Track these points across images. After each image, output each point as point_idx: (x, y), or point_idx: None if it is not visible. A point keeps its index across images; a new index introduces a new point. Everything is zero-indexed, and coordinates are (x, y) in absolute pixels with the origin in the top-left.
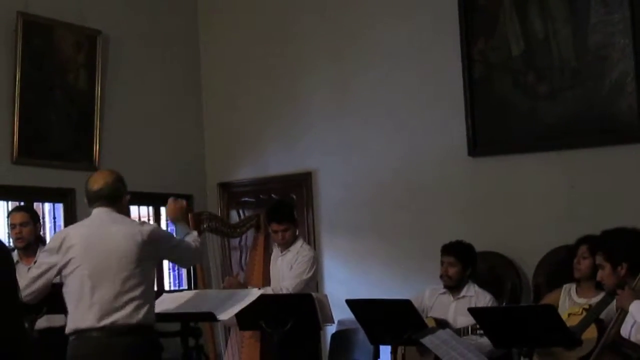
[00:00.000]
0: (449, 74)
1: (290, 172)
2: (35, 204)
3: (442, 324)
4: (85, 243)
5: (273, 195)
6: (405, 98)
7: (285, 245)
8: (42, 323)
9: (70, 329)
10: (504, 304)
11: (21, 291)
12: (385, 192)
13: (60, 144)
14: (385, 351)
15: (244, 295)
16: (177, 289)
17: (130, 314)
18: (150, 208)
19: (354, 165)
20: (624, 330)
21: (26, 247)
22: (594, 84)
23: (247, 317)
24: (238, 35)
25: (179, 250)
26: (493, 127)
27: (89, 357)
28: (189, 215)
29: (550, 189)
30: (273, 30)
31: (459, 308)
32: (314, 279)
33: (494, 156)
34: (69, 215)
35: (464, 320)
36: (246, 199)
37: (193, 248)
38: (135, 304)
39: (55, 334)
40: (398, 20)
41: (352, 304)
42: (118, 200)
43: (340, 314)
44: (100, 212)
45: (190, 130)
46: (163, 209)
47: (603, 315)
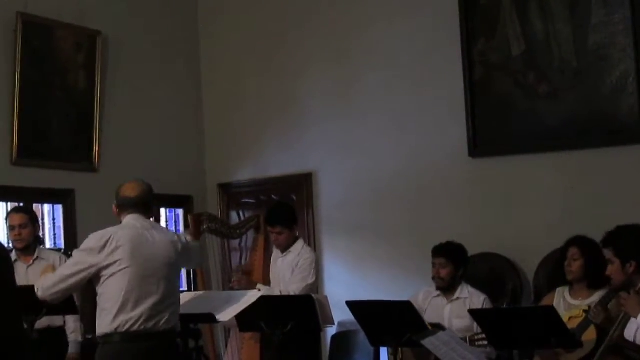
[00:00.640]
0: (449, 74)
1: (290, 173)
2: (34, 205)
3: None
4: (132, 246)
5: (273, 196)
6: (406, 99)
7: (285, 247)
8: (43, 322)
9: (104, 331)
10: (505, 306)
11: (48, 289)
12: (385, 193)
13: (60, 145)
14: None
15: (244, 296)
16: None
17: (169, 319)
18: None
19: (354, 166)
20: (629, 334)
21: (25, 248)
22: (594, 84)
23: (247, 319)
24: (238, 37)
25: (195, 254)
26: (493, 128)
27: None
28: (189, 216)
29: (551, 189)
30: (273, 32)
31: (453, 310)
32: (316, 284)
33: (494, 157)
34: (69, 216)
35: (459, 322)
36: (246, 200)
37: (199, 247)
38: (173, 309)
39: (55, 333)
40: (398, 21)
41: (353, 305)
42: (150, 209)
43: (341, 315)
44: (136, 219)
45: (190, 131)
46: (163, 210)
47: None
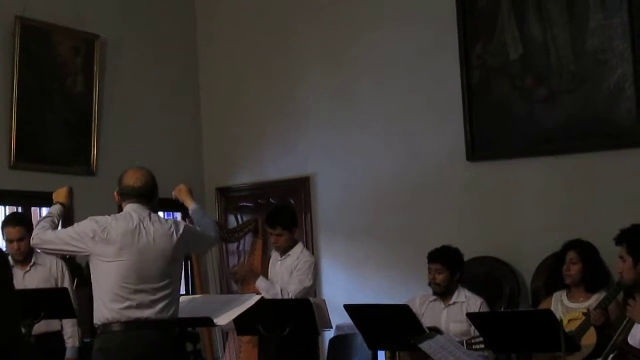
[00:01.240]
0: (447, 78)
1: (289, 177)
2: (32, 209)
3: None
4: (124, 238)
5: (271, 200)
6: (404, 103)
7: (284, 250)
8: (40, 328)
9: (99, 320)
10: (503, 309)
11: (44, 243)
12: (383, 197)
13: (58, 149)
14: (383, 356)
15: (242, 300)
16: None
17: (163, 309)
18: None
19: (353, 169)
20: (633, 339)
21: (24, 259)
22: (592, 88)
23: (245, 322)
24: (236, 41)
25: (203, 237)
26: (491, 132)
27: (118, 350)
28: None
29: (549, 193)
30: (272, 36)
31: (451, 315)
32: (314, 287)
33: (492, 161)
34: (66, 220)
35: (457, 327)
36: (244, 204)
37: (213, 223)
38: (169, 300)
39: (53, 339)
40: (397, 25)
41: (351, 309)
42: (154, 200)
43: (339, 319)
44: (135, 209)
45: (188, 135)
46: (161, 214)
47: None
